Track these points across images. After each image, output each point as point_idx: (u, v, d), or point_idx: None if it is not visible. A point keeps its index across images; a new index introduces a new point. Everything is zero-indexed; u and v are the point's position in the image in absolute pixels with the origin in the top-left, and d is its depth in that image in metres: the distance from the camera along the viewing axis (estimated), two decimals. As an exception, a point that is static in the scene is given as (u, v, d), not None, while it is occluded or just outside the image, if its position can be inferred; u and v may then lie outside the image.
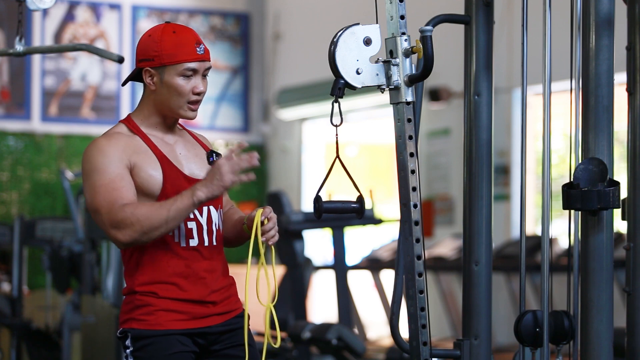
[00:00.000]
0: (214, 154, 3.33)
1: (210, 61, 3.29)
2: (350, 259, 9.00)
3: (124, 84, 3.37)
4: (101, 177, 3.17)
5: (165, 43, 3.22)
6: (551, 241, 3.53)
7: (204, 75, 3.28)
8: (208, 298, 3.27)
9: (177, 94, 3.24)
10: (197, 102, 3.27)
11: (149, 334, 3.21)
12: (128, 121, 3.29)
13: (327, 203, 3.31)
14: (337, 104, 3.25)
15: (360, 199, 3.30)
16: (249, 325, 3.30)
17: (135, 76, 3.31)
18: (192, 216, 3.23)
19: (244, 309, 3.31)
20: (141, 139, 3.24)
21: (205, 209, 3.26)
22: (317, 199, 3.31)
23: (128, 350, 3.22)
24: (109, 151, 3.19)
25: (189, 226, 3.24)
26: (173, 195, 3.17)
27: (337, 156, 3.30)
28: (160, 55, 3.22)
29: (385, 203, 12.74)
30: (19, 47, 4.54)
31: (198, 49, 3.24)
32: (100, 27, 12.41)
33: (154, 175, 3.21)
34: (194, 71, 3.24)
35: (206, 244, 3.27)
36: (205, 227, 3.27)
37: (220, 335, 3.30)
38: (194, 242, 3.25)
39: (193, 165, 3.30)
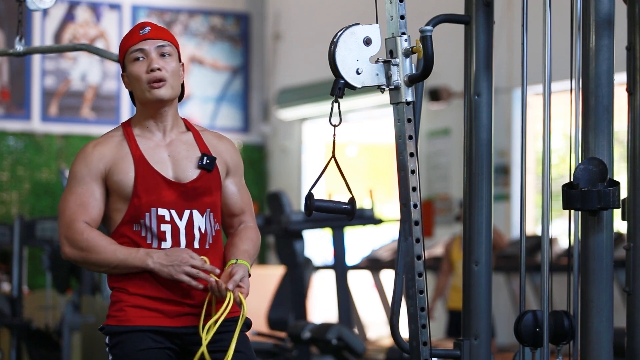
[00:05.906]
0: (205, 158, 3.29)
1: (161, 39, 3.26)
2: (350, 259, 9.00)
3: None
4: (75, 185, 3.25)
5: (119, 45, 3.30)
6: (551, 241, 3.53)
7: (163, 55, 3.26)
8: (183, 298, 3.23)
9: (136, 80, 3.26)
10: (158, 80, 3.24)
11: (120, 330, 3.21)
12: (125, 124, 3.32)
13: (318, 202, 3.29)
14: (337, 104, 3.24)
15: (352, 201, 3.29)
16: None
17: None
18: (167, 219, 3.22)
19: (241, 312, 3.23)
20: (127, 143, 3.26)
21: (186, 212, 3.24)
22: (309, 196, 3.28)
23: (107, 348, 3.24)
24: (89, 160, 3.24)
25: (162, 229, 3.22)
26: (146, 197, 3.20)
27: (333, 156, 3.28)
28: (120, 56, 3.30)
29: (385, 203, 12.74)
30: (19, 47, 4.54)
31: (141, 31, 3.26)
32: (100, 27, 12.40)
33: (126, 179, 3.22)
34: (143, 51, 3.25)
35: (182, 247, 3.23)
36: (182, 231, 3.24)
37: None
38: (166, 245, 3.23)
39: (181, 168, 3.27)
